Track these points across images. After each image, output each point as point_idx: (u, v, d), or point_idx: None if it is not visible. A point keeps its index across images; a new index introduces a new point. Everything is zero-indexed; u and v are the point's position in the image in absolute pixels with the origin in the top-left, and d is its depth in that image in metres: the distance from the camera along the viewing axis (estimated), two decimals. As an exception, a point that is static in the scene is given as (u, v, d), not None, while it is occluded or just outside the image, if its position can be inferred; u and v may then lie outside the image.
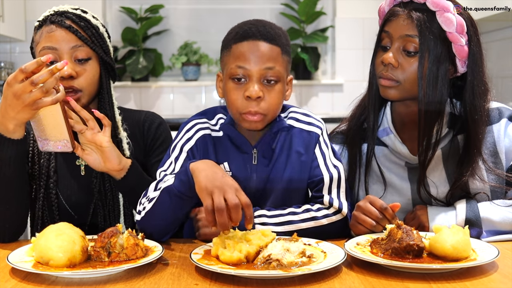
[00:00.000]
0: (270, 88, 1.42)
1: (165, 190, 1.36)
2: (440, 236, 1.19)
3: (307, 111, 1.58)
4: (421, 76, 1.44)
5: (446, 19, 1.43)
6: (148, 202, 1.41)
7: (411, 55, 1.45)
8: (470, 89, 1.48)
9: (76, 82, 1.52)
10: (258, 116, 1.42)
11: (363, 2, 4.29)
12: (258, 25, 1.45)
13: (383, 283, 1.11)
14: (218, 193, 1.22)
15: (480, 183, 1.48)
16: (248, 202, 1.23)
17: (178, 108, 4.35)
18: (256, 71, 1.40)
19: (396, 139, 1.54)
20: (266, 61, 1.40)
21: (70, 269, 1.14)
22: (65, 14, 1.55)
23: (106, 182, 1.59)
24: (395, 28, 1.47)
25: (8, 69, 4.00)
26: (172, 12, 4.41)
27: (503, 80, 3.48)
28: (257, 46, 1.41)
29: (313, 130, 1.54)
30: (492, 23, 3.38)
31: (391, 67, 1.47)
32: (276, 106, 1.45)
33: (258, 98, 1.41)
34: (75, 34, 1.53)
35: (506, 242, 1.40)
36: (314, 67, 4.21)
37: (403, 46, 1.46)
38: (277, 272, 1.11)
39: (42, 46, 1.53)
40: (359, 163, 1.59)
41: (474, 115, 1.47)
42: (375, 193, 1.55)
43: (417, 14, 1.44)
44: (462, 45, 1.45)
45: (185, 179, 1.32)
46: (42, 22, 1.57)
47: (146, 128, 1.70)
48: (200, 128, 1.54)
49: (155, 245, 1.28)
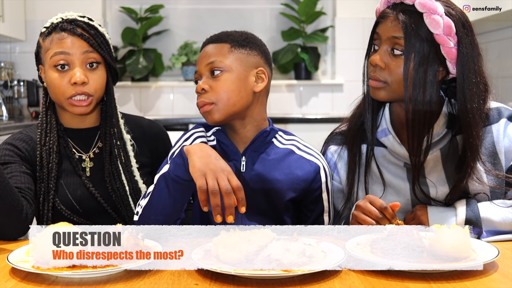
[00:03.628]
0: (214, 78, 1.49)
1: (161, 178, 1.38)
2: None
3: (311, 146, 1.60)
4: (406, 77, 1.44)
5: (433, 21, 1.42)
6: (145, 198, 1.42)
7: (398, 56, 1.46)
8: (460, 91, 1.47)
9: (88, 88, 1.59)
10: (206, 107, 1.49)
11: (363, 2, 4.29)
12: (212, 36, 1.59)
13: (383, 283, 1.11)
14: (212, 176, 1.28)
15: (480, 185, 1.47)
16: (239, 185, 1.28)
17: (178, 108, 4.35)
18: (201, 69, 1.52)
19: (395, 140, 1.54)
20: (209, 57, 1.51)
21: (70, 269, 1.14)
22: (75, 22, 1.62)
23: (116, 179, 1.64)
24: (383, 30, 1.48)
25: (8, 69, 4.00)
26: (172, 12, 4.41)
27: (503, 80, 3.48)
28: (205, 49, 1.55)
29: (314, 160, 1.55)
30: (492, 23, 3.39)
31: (379, 68, 1.48)
32: (226, 95, 1.49)
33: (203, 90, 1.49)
34: (87, 42, 1.60)
35: (506, 242, 1.40)
36: (314, 67, 4.22)
37: (390, 47, 1.47)
38: (277, 272, 1.11)
39: (54, 51, 1.58)
40: (358, 163, 1.59)
41: (466, 117, 1.46)
42: (374, 194, 1.54)
43: (404, 16, 1.44)
44: (450, 47, 1.44)
45: (180, 161, 1.35)
46: (52, 29, 1.62)
47: (153, 134, 1.77)
48: (198, 136, 1.56)
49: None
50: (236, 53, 1.51)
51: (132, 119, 1.79)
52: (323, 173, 1.54)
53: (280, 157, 1.52)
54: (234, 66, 1.50)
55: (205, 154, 1.33)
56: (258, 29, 4.47)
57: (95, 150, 1.70)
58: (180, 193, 1.39)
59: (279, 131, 1.58)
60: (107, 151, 1.67)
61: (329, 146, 1.66)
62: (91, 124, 1.72)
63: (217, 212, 1.26)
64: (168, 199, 1.38)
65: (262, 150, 1.52)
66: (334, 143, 1.65)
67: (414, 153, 1.47)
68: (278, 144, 1.55)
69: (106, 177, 1.65)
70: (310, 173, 1.52)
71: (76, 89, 1.58)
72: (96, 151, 1.70)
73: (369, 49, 1.54)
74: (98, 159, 1.68)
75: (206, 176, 1.28)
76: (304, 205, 1.56)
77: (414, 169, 1.48)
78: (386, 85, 1.47)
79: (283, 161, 1.52)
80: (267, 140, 1.53)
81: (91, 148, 1.70)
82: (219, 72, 1.49)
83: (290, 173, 1.51)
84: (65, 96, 1.59)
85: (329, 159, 1.64)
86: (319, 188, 1.54)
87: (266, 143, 1.53)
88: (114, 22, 4.40)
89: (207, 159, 1.31)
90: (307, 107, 4.40)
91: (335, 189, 1.61)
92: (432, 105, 1.46)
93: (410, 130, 1.47)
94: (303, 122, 3.88)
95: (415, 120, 1.46)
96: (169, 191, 1.37)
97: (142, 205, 1.42)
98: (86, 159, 1.68)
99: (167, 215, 1.40)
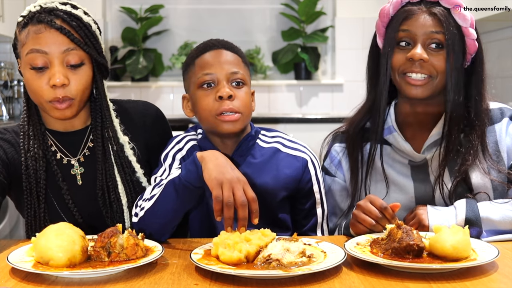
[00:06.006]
0: (238, 89, 1.47)
1: (170, 183, 1.36)
2: (440, 236, 1.19)
3: (294, 139, 1.59)
4: (449, 70, 1.48)
5: (461, 14, 1.48)
6: (148, 200, 1.41)
7: (438, 50, 1.49)
8: (475, 83, 1.53)
9: (69, 91, 1.40)
10: (235, 116, 1.45)
11: (363, 2, 4.29)
12: (217, 39, 1.54)
13: (383, 283, 1.11)
14: (228, 186, 1.26)
15: (482, 179, 1.48)
16: (254, 197, 1.28)
17: (178, 108, 4.32)
18: (221, 74, 1.46)
19: (400, 137, 1.55)
20: (232, 66, 1.47)
21: (70, 269, 1.14)
22: (54, 12, 1.40)
23: (111, 192, 1.50)
24: (416, 26, 1.49)
25: (8, 69, 4.00)
26: (172, 12, 4.41)
27: (503, 80, 3.48)
28: (220, 53, 1.49)
29: (300, 155, 1.55)
30: (492, 23, 3.39)
31: (421, 63, 1.48)
32: (248, 108, 1.48)
33: (230, 97, 1.44)
34: (67, 36, 1.39)
35: (506, 242, 1.40)
36: (314, 67, 4.21)
37: (429, 42, 1.49)
38: (277, 272, 1.11)
39: (30, 48, 1.39)
40: (361, 162, 1.60)
41: (477, 111, 1.52)
42: (378, 192, 1.56)
43: (438, 10, 1.48)
44: (473, 39, 1.50)
45: (193, 168, 1.33)
46: (28, 19, 1.41)
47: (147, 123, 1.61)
48: (190, 139, 1.56)
49: (155, 245, 1.28)
50: (246, 69, 1.52)
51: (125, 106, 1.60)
52: (311, 165, 1.55)
53: (266, 158, 1.53)
54: (248, 82, 1.51)
55: (220, 162, 1.31)
56: (258, 29, 4.47)
57: (86, 152, 1.53)
58: (188, 199, 1.38)
59: (262, 130, 1.59)
60: (99, 155, 1.50)
61: (334, 144, 1.67)
62: (80, 125, 1.54)
63: (228, 224, 1.25)
64: (174, 204, 1.37)
65: (248, 153, 1.53)
66: (339, 141, 1.66)
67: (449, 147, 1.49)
68: (263, 144, 1.55)
69: (97, 190, 1.49)
70: (298, 169, 1.53)
71: (56, 92, 1.38)
72: (87, 153, 1.53)
73: (389, 48, 1.52)
74: (89, 163, 1.52)
75: (223, 186, 1.26)
76: (297, 199, 1.56)
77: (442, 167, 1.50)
78: (431, 79, 1.50)
79: (270, 161, 1.52)
80: (251, 143, 1.53)
81: (79, 151, 1.53)
82: (242, 84, 1.49)
83: (279, 173, 1.51)
84: (44, 99, 1.40)
85: (333, 157, 1.65)
86: (310, 181, 1.54)
87: (250, 146, 1.53)
88: (114, 22, 4.40)
89: (223, 168, 1.29)
90: (307, 107, 4.40)
91: (339, 187, 1.63)
92: (462, 97, 1.51)
93: (446, 123, 1.50)
94: (303, 122, 3.87)
95: (455, 113, 1.49)
96: (178, 196, 1.36)
97: (145, 207, 1.40)
98: (75, 164, 1.52)
99: (170, 219, 1.39)
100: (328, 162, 1.66)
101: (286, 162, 1.53)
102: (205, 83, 1.47)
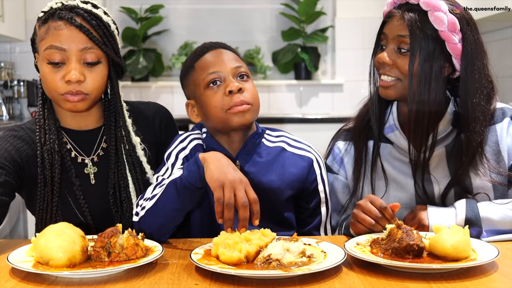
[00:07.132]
0: (244, 82, 1.49)
1: (171, 183, 1.36)
2: (440, 236, 1.19)
3: (300, 139, 1.60)
4: (411, 74, 1.47)
5: (437, 18, 1.45)
6: (149, 200, 1.41)
7: (404, 54, 1.49)
8: (463, 86, 1.50)
9: (84, 87, 1.43)
10: (246, 106, 1.45)
11: (363, 2, 4.29)
12: (210, 42, 1.55)
13: (383, 283, 1.11)
14: (230, 187, 1.26)
15: (483, 177, 1.48)
16: (255, 198, 1.28)
17: (178, 108, 4.34)
18: (226, 71, 1.47)
19: (401, 136, 1.56)
20: (234, 62, 1.49)
21: (70, 269, 1.14)
22: (75, 10, 1.42)
23: (122, 191, 1.52)
24: (390, 29, 1.52)
25: (8, 69, 4.00)
26: (172, 12, 4.41)
27: (503, 80, 3.48)
28: (219, 52, 1.51)
29: (306, 154, 1.55)
30: (492, 23, 3.39)
31: (387, 66, 1.51)
32: (257, 99, 1.50)
33: (240, 91, 1.45)
34: (86, 35, 1.41)
35: (506, 242, 1.40)
36: (314, 67, 4.22)
37: (397, 46, 1.50)
38: (277, 272, 1.11)
39: (49, 44, 1.41)
40: (364, 159, 1.61)
41: (466, 111, 1.49)
42: (379, 189, 1.57)
43: (409, 15, 1.48)
44: (455, 43, 1.47)
45: (195, 169, 1.33)
46: (49, 15, 1.43)
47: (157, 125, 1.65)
48: (194, 138, 1.57)
49: (155, 245, 1.28)
50: (246, 66, 1.54)
51: (136, 108, 1.64)
52: (317, 165, 1.55)
53: (272, 157, 1.53)
54: (251, 76, 1.53)
55: (222, 163, 1.32)
56: (258, 29, 4.47)
57: (100, 152, 1.55)
58: (190, 200, 1.38)
59: (267, 130, 1.59)
60: (112, 154, 1.52)
61: (337, 142, 1.68)
62: (94, 124, 1.56)
63: (229, 226, 1.25)
64: (175, 205, 1.37)
65: (254, 152, 1.53)
66: (342, 139, 1.67)
67: (418, 149, 1.50)
68: (268, 143, 1.55)
69: (109, 188, 1.51)
70: (304, 168, 1.53)
71: (70, 87, 1.41)
72: (101, 154, 1.56)
73: (375, 49, 1.57)
74: (103, 163, 1.54)
75: (224, 187, 1.27)
76: (302, 198, 1.56)
77: (416, 166, 1.51)
78: (398, 82, 1.50)
79: (276, 160, 1.52)
80: (257, 141, 1.53)
81: (93, 151, 1.55)
82: (247, 77, 1.50)
83: (285, 172, 1.51)
84: (57, 92, 1.43)
85: (336, 154, 1.66)
86: (315, 180, 1.54)
87: (256, 145, 1.53)
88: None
89: (225, 169, 1.30)
90: (307, 107, 4.40)
91: (340, 184, 1.63)
92: (437, 102, 1.48)
93: (412, 127, 1.49)
94: (303, 122, 3.87)
95: (419, 117, 1.48)
96: (179, 196, 1.36)
97: (146, 207, 1.40)
98: (89, 164, 1.54)
99: (170, 219, 1.39)
100: (331, 159, 1.67)
101: (292, 161, 1.53)
102: (212, 81, 1.47)
